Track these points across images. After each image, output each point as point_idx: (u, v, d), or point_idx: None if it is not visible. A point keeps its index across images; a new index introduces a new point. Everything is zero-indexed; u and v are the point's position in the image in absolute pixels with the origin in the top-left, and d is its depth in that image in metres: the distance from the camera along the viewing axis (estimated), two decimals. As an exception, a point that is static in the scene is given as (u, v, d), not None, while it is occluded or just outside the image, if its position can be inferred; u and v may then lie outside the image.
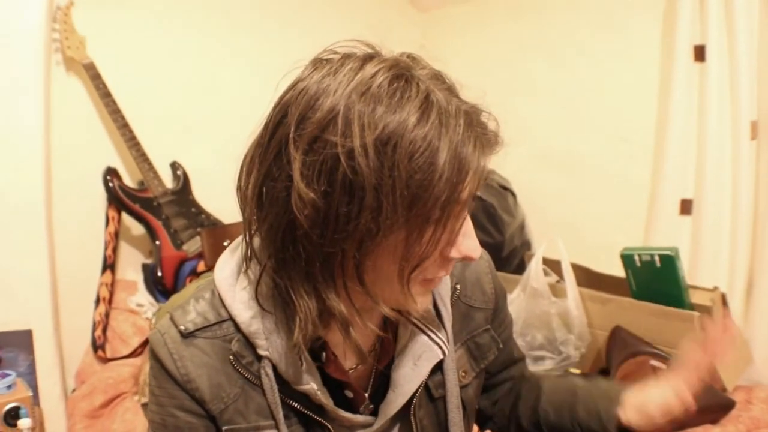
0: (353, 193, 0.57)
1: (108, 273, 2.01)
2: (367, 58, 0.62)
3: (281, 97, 0.63)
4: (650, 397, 0.81)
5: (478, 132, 0.61)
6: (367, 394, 0.79)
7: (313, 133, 0.58)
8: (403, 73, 0.60)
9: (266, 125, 0.64)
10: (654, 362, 1.48)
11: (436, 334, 0.78)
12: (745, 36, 1.72)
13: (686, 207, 1.90)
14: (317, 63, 0.64)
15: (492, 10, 2.53)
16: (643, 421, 0.80)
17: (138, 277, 2.09)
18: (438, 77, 0.63)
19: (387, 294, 0.66)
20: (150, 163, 2.01)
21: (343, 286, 0.64)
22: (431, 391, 0.81)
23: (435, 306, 0.80)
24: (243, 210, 0.67)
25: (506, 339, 0.92)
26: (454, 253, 0.66)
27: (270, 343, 0.70)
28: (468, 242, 0.66)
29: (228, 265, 0.75)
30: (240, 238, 0.76)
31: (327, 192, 0.58)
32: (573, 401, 0.87)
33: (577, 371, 1.63)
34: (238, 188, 0.66)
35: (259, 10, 2.35)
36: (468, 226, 0.66)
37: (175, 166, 2.15)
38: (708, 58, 1.81)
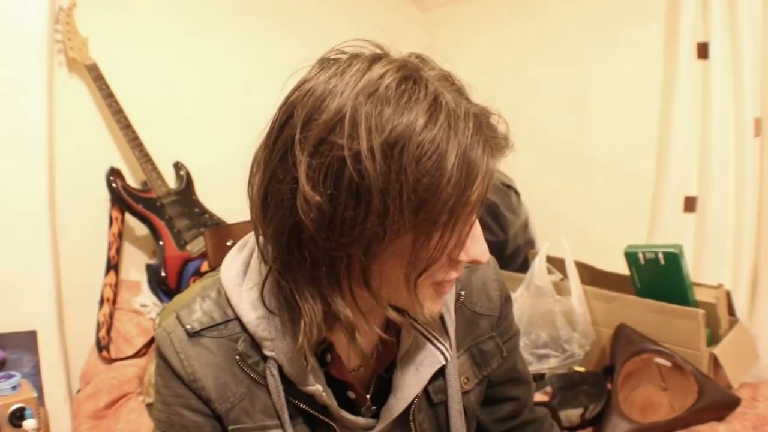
0: (360, 197, 0.56)
1: (112, 274, 2.01)
2: (375, 59, 0.60)
3: (287, 98, 0.62)
4: None
5: (488, 135, 0.60)
6: (368, 396, 0.79)
7: (320, 135, 0.57)
8: (411, 75, 0.59)
9: (272, 126, 0.63)
10: (658, 360, 1.48)
11: (438, 340, 0.78)
12: (748, 32, 1.72)
13: (690, 204, 1.90)
14: (324, 63, 0.62)
15: (494, 8, 2.52)
16: None
17: (142, 278, 2.08)
18: (447, 78, 0.62)
19: (394, 298, 0.66)
20: (153, 164, 2.01)
21: (348, 290, 0.63)
22: (431, 396, 0.81)
23: None
24: (250, 211, 0.66)
25: (511, 349, 0.90)
26: (463, 257, 0.64)
27: (276, 344, 0.70)
28: (476, 246, 0.65)
29: (234, 264, 0.74)
30: (246, 237, 0.76)
31: (333, 195, 0.57)
32: None
33: (582, 369, 1.63)
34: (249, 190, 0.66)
35: (261, 9, 2.35)
36: (476, 229, 0.65)
37: (178, 166, 2.15)
38: (711, 56, 1.80)
